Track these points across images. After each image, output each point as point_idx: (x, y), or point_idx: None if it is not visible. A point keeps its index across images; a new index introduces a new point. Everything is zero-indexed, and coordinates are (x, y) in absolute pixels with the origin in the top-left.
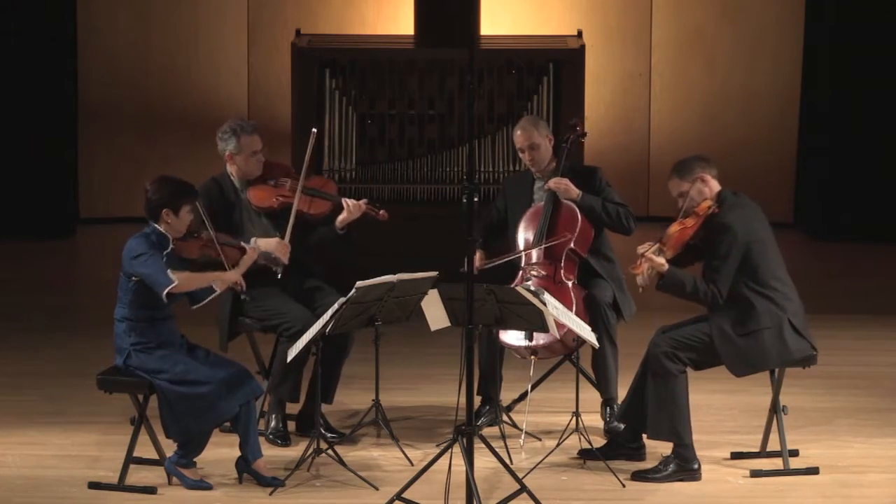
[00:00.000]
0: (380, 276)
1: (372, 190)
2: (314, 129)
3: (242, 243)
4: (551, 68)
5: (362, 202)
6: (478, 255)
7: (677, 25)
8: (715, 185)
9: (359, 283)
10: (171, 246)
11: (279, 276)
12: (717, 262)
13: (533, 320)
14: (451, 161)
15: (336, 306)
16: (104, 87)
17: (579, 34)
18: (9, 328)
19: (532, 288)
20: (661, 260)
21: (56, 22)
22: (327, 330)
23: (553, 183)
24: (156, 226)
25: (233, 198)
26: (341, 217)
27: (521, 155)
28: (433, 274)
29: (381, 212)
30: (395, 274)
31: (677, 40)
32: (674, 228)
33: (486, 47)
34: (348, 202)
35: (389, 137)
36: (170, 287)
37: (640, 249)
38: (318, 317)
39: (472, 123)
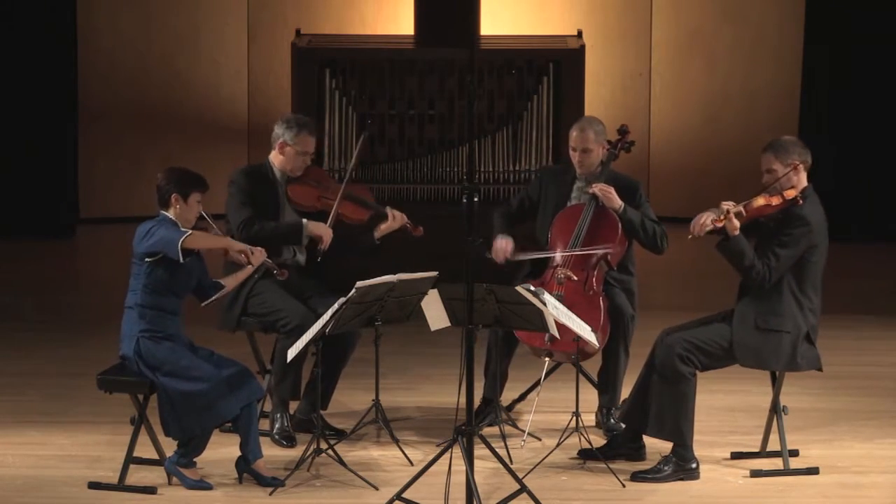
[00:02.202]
0: (380, 276)
1: (372, 190)
2: (366, 132)
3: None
4: (551, 68)
5: (403, 215)
6: (506, 243)
7: (677, 25)
8: (804, 178)
9: (359, 283)
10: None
11: (318, 259)
12: (782, 250)
13: (533, 320)
14: (451, 161)
15: (336, 306)
16: (104, 87)
17: (579, 34)
18: (9, 328)
19: (532, 288)
20: (737, 223)
21: (56, 22)
22: (327, 330)
23: (599, 188)
24: (165, 213)
25: (275, 186)
26: (384, 226)
27: (571, 153)
28: (433, 274)
29: (419, 228)
30: (395, 274)
31: (677, 40)
32: (760, 201)
33: (486, 47)
34: (394, 212)
35: (389, 137)
36: (183, 237)
37: (726, 206)
38: (318, 318)
39: (472, 123)
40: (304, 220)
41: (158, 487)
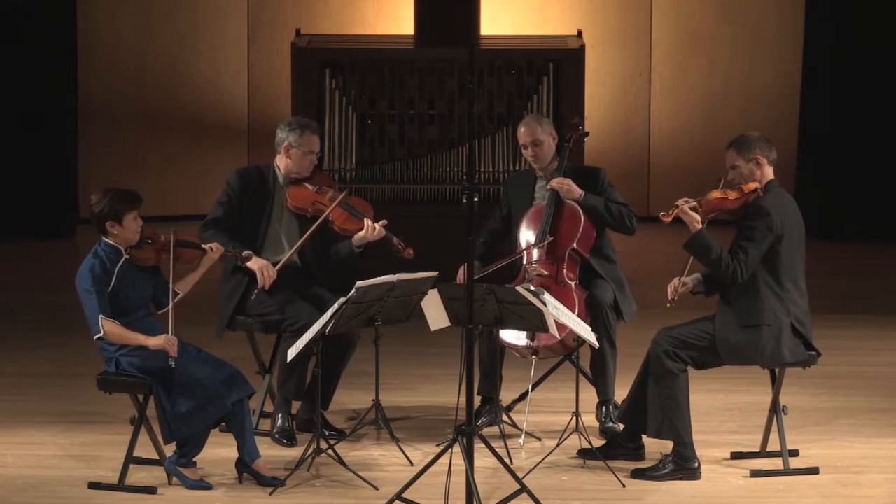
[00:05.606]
0: (380, 276)
1: (372, 190)
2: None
3: (215, 246)
4: (551, 68)
5: (383, 228)
6: (461, 271)
7: (677, 26)
8: (768, 172)
9: (359, 283)
10: (124, 257)
11: (252, 297)
12: (747, 244)
13: (533, 320)
14: (451, 161)
15: (336, 306)
16: (104, 87)
17: (579, 34)
18: (9, 328)
19: (532, 288)
20: (697, 216)
21: (56, 22)
22: (327, 330)
23: (556, 182)
24: (105, 240)
25: (271, 189)
26: (359, 234)
27: (523, 152)
28: (433, 274)
29: (408, 250)
30: (395, 274)
31: (677, 40)
32: (715, 194)
33: (486, 47)
34: (369, 223)
35: (389, 137)
36: (97, 336)
37: (678, 202)
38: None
39: (472, 123)
40: (247, 252)
41: (158, 487)
